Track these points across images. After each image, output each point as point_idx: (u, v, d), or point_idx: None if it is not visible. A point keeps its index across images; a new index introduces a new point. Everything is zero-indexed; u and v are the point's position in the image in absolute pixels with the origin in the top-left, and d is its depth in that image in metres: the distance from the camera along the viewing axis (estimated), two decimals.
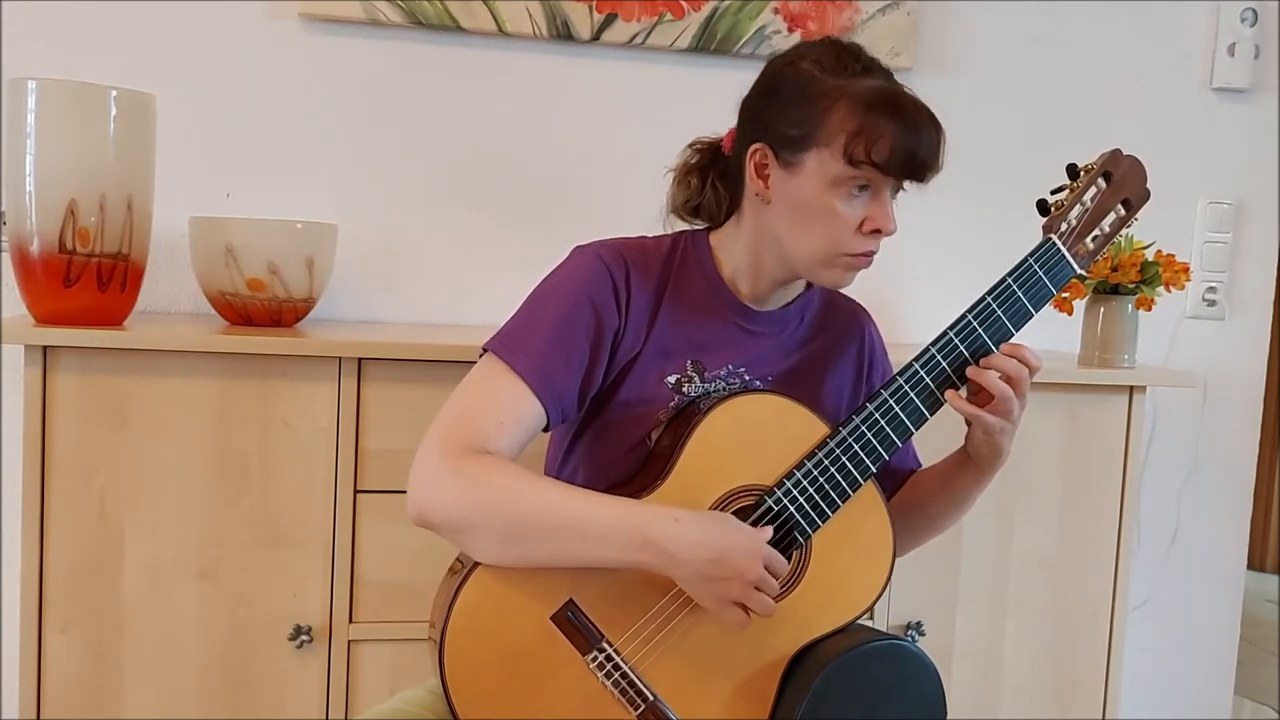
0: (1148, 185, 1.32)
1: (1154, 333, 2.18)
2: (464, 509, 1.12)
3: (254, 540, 1.56)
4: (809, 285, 1.34)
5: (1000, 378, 1.20)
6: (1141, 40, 2.19)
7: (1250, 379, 2.30)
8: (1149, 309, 1.88)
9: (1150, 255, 1.87)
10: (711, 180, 1.31)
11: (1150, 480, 2.25)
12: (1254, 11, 2.19)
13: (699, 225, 1.33)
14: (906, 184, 1.21)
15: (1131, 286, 1.86)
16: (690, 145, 1.35)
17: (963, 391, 1.24)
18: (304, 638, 1.57)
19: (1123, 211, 1.31)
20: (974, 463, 1.29)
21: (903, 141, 1.15)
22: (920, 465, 1.43)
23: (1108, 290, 1.88)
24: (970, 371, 1.22)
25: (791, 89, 1.20)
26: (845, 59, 1.20)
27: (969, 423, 1.25)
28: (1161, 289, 1.87)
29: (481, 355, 1.22)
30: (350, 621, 1.60)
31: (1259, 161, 2.25)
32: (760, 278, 1.28)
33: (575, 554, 1.12)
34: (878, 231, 1.20)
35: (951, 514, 1.38)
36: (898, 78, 1.22)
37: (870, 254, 1.22)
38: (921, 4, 2.07)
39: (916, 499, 1.38)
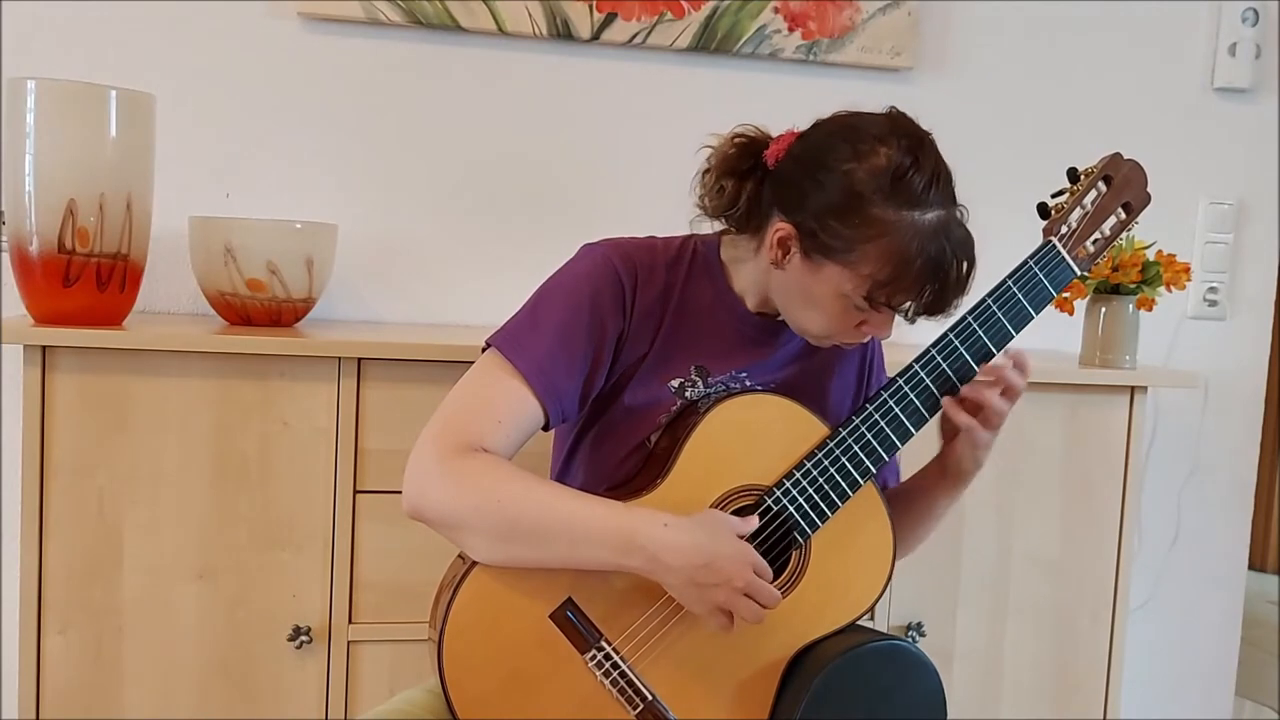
0: (1148, 189, 1.32)
1: (1155, 333, 2.18)
2: (457, 507, 1.12)
3: (253, 541, 1.56)
4: None
5: (998, 391, 1.22)
6: (1142, 40, 2.18)
7: (1251, 379, 2.29)
8: (1150, 309, 1.88)
9: (1151, 255, 1.86)
10: (748, 194, 1.24)
11: (1151, 480, 2.24)
12: (1254, 11, 2.19)
13: (719, 226, 1.29)
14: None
15: (1132, 287, 1.86)
16: (733, 136, 1.26)
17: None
18: (303, 638, 1.57)
19: (1123, 215, 1.31)
20: (951, 476, 1.30)
21: (924, 300, 1.15)
22: (899, 482, 1.42)
23: (1109, 290, 1.88)
24: (966, 390, 1.23)
25: (838, 195, 1.14)
26: (903, 184, 1.12)
27: (948, 437, 1.27)
28: (1162, 289, 1.87)
29: (483, 351, 1.22)
30: (350, 622, 1.59)
31: (1260, 161, 2.25)
32: (768, 302, 1.27)
33: (566, 556, 1.12)
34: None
35: (922, 530, 1.38)
36: (898, 77, 1.21)
37: (860, 343, 1.25)
38: (921, 4, 2.06)
39: None
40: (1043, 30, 2.15)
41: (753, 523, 1.16)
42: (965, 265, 1.15)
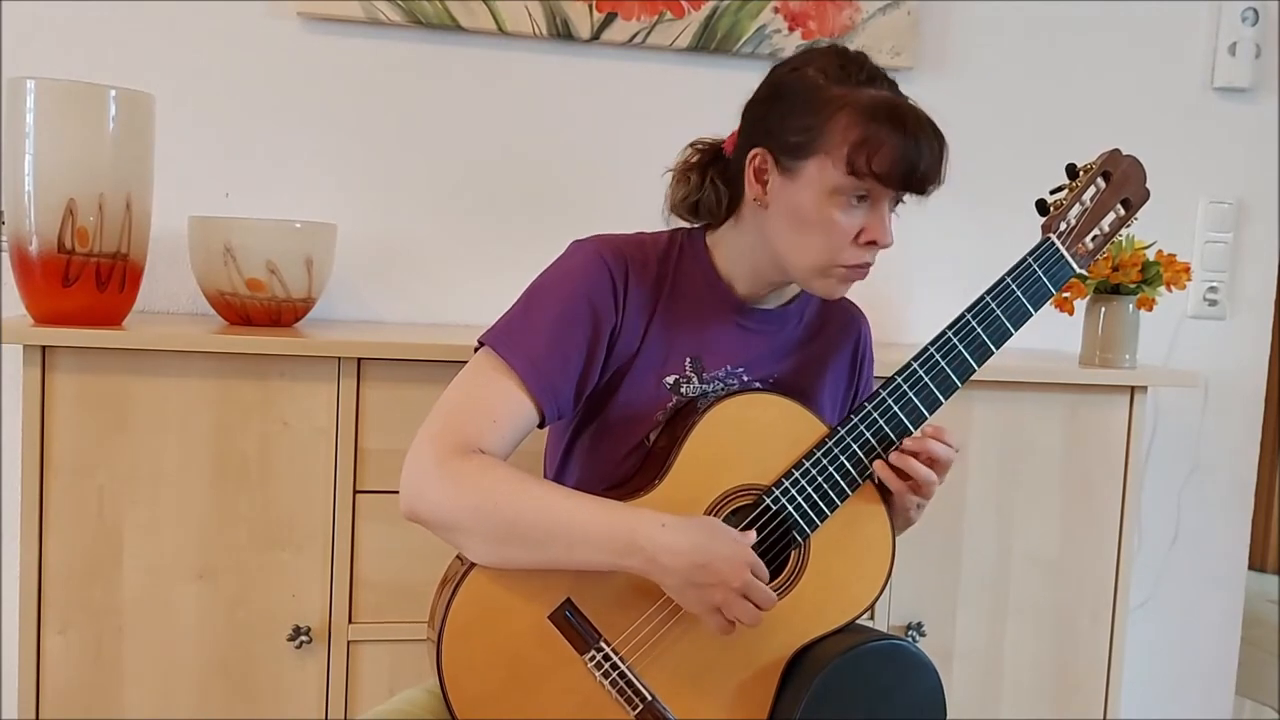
0: (1147, 185, 1.32)
1: (1155, 333, 2.18)
2: (454, 509, 1.12)
3: (253, 541, 1.56)
4: None
5: (924, 460, 1.22)
6: (1142, 40, 2.18)
7: (1251, 379, 2.29)
8: (1150, 309, 1.88)
9: (1151, 255, 1.86)
10: (711, 178, 1.29)
11: (1151, 480, 2.24)
12: (1254, 11, 2.19)
13: (697, 224, 1.33)
14: (906, 197, 1.21)
15: (1132, 286, 1.86)
16: (691, 145, 1.33)
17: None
18: (303, 638, 1.57)
19: (1122, 211, 1.31)
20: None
21: (904, 153, 1.14)
22: None
23: (1109, 290, 1.88)
24: (895, 458, 1.22)
25: (795, 96, 1.19)
26: (850, 67, 1.19)
27: (886, 495, 1.26)
28: (1162, 289, 1.87)
29: (476, 349, 1.22)
30: (350, 622, 1.59)
31: (1259, 161, 2.25)
32: (758, 280, 1.28)
33: (563, 558, 1.12)
34: (874, 243, 1.20)
35: None
36: (898, 77, 1.22)
37: (865, 266, 1.22)
38: (921, 3, 2.06)
39: None
40: (1043, 30, 2.15)
41: (751, 536, 1.15)
42: (934, 136, 1.17)
